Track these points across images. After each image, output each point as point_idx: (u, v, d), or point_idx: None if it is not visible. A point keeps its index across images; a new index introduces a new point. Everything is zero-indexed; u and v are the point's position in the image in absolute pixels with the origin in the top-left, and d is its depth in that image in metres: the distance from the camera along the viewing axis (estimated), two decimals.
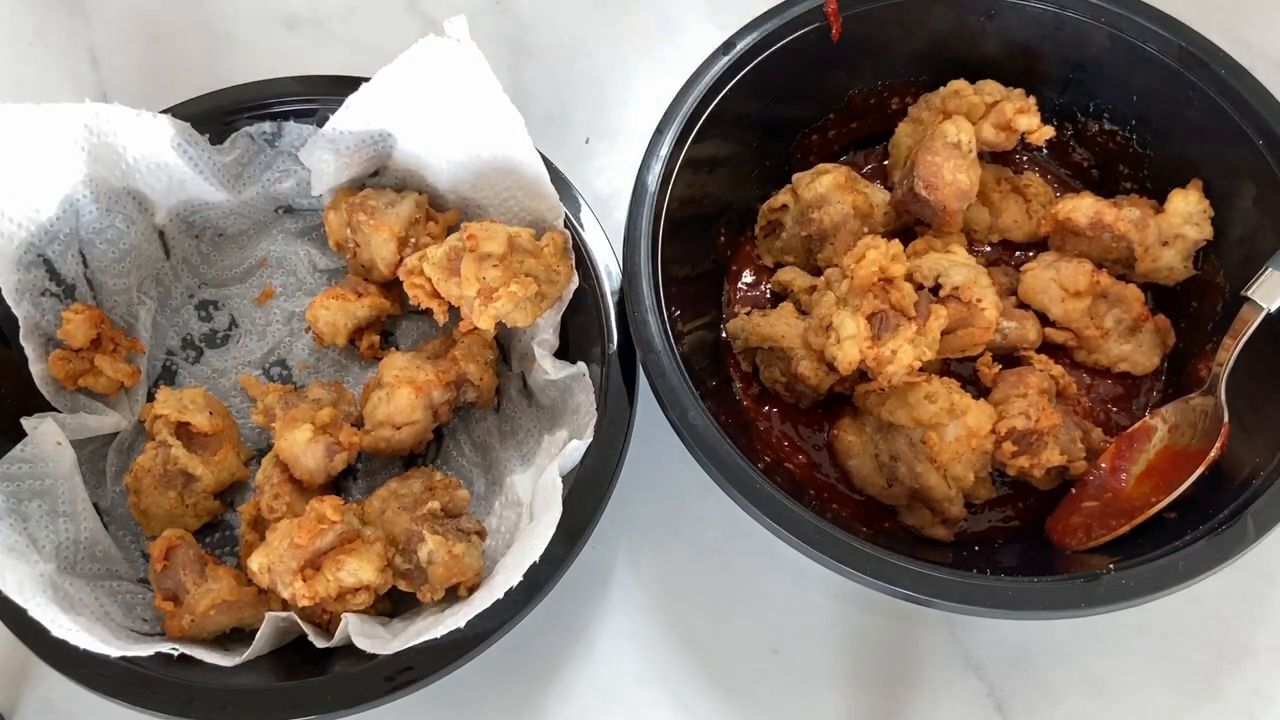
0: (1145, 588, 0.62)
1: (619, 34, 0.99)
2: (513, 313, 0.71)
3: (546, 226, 0.75)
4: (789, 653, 0.74)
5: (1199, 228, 0.77)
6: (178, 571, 0.68)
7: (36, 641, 0.63)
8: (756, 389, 0.81)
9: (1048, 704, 0.73)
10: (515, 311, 0.71)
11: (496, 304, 0.70)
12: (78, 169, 0.75)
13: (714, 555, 0.77)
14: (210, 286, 0.84)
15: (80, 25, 0.99)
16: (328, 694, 0.63)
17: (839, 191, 0.79)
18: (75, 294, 0.77)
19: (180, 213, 0.82)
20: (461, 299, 0.71)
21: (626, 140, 0.93)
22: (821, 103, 0.85)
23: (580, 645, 0.75)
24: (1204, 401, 0.73)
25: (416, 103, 0.75)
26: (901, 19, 0.81)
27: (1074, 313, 0.79)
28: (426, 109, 0.75)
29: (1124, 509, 0.71)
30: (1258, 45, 0.95)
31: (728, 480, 0.66)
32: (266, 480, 0.72)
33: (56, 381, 0.74)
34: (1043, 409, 0.72)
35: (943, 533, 0.74)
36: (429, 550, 0.66)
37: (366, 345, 0.81)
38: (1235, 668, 0.74)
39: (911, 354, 0.70)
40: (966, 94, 0.81)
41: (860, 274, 0.72)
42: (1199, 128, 0.78)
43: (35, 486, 0.69)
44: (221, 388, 0.81)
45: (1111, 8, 0.78)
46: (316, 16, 1.00)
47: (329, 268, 0.85)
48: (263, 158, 0.82)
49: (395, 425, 0.74)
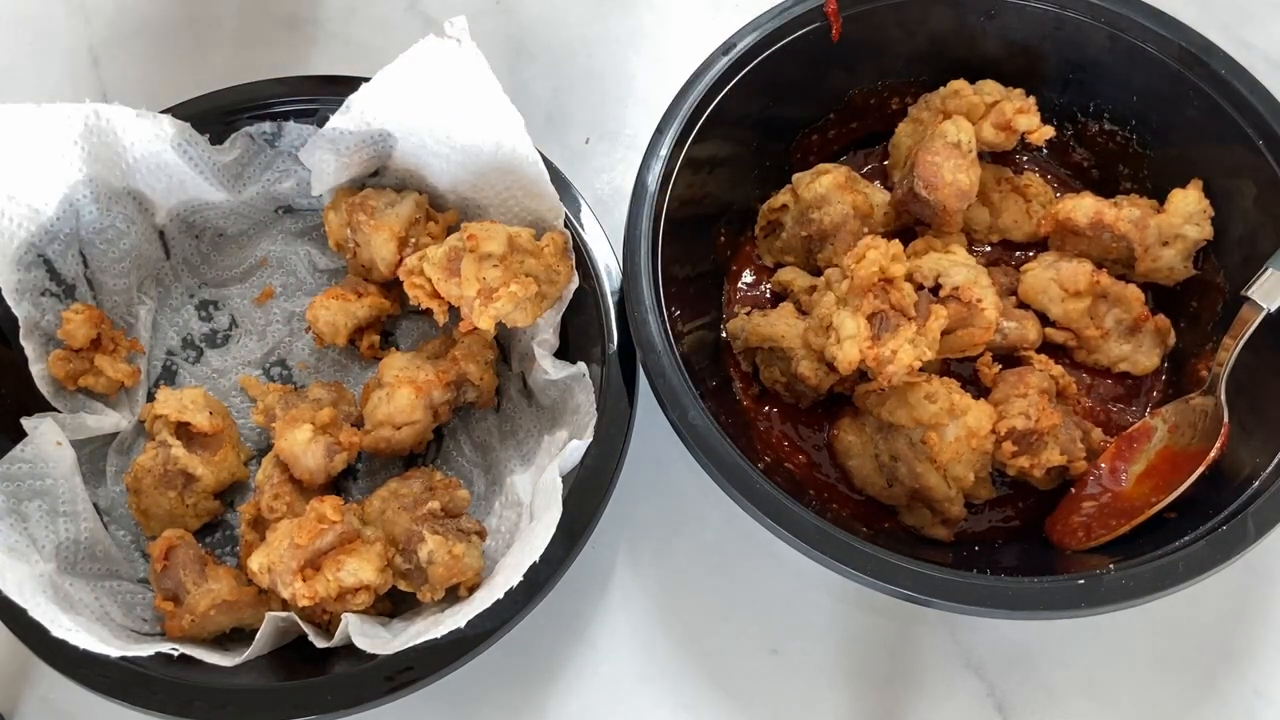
0: (1145, 588, 0.62)
1: (619, 34, 0.99)
2: (513, 313, 0.71)
3: (547, 226, 0.75)
4: (789, 653, 0.74)
5: (1199, 228, 0.77)
6: (178, 571, 0.68)
7: (36, 641, 0.63)
8: (756, 389, 0.81)
9: (1048, 704, 0.73)
10: (515, 312, 0.71)
11: (497, 304, 0.70)
12: (78, 169, 0.75)
13: (714, 555, 0.77)
14: (210, 286, 0.84)
15: (80, 25, 0.99)
16: (328, 694, 0.63)
17: (839, 191, 0.79)
18: (75, 294, 0.77)
19: (180, 213, 0.82)
20: (462, 299, 0.71)
21: (626, 140, 0.93)
22: (821, 103, 0.85)
23: (580, 645, 0.75)
24: (1204, 401, 0.73)
25: (417, 103, 0.75)
26: (901, 19, 0.81)
27: (1074, 313, 0.79)
28: (427, 109, 0.75)
29: (1124, 509, 0.71)
30: (1258, 45, 0.95)
31: (728, 480, 0.66)
32: (266, 480, 0.72)
33: (56, 381, 0.75)
34: (1043, 409, 0.72)
35: (943, 533, 0.74)
36: (429, 550, 0.66)
37: (366, 345, 0.81)
38: (1235, 668, 0.74)
39: (911, 354, 0.70)
40: (966, 94, 0.81)
41: (860, 274, 0.72)
42: (1199, 128, 0.78)
43: (35, 486, 0.69)
44: (221, 388, 0.81)
45: (1111, 8, 0.78)
46: (316, 16, 1.00)
47: (329, 268, 0.85)
48: (263, 158, 0.82)
49: (395, 425, 0.74)
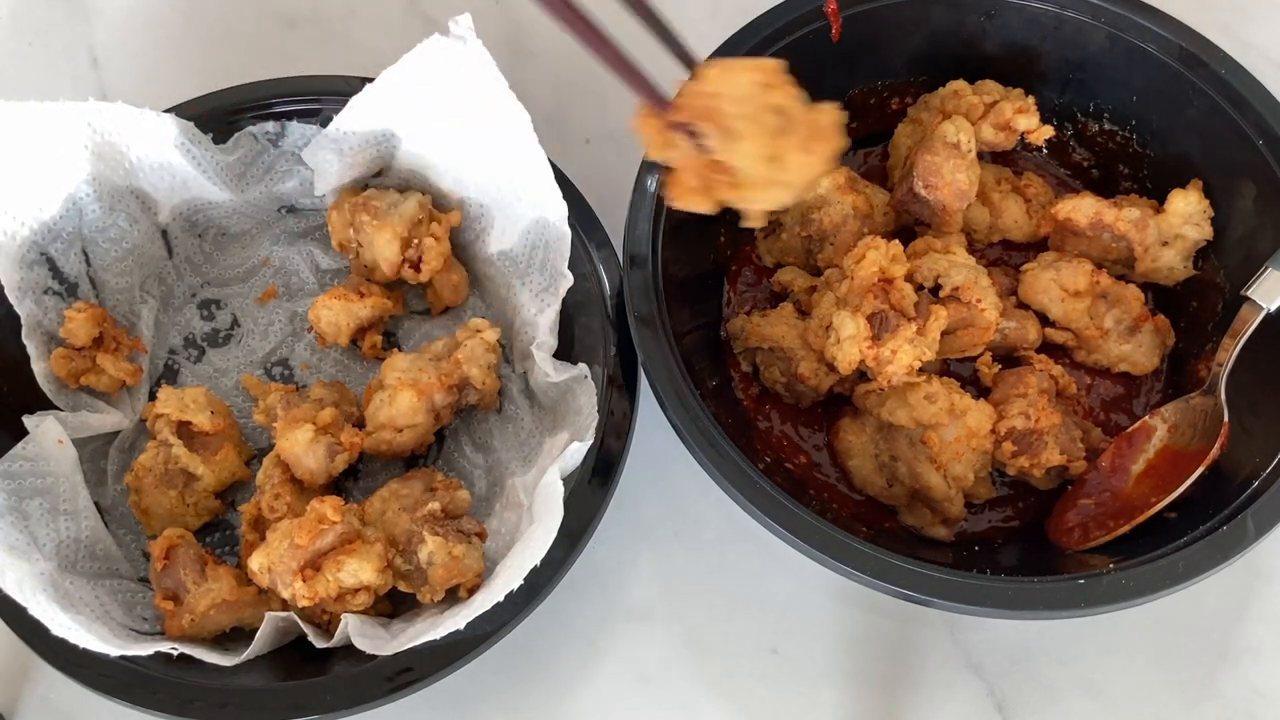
0: (1145, 588, 0.62)
1: (619, 34, 0.99)
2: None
3: (550, 226, 0.75)
4: (789, 653, 0.74)
5: (1199, 228, 0.77)
6: (178, 571, 0.68)
7: (37, 641, 0.63)
8: (756, 389, 0.81)
9: (1048, 704, 0.73)
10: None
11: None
12: (81, 168, 0.75)
13: (714, 555, 0.77)
14: (213, 286, 0.84)
15: (80, 25, 0.99)
16: (327, 694, 0.63)
17: (839, 192, 0.79)
18: (78, 292, 0.77)
19: (183, 212, 0.82)
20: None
21: (627, 140, 0.93)
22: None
23: (580, 645, 0.75)
24: (1204, 401, 0.73)
25: (421, 102, 0.75)
26: (901, 19, 0.81)
27: (1074, 313, 0.79)
28: (431, 108, 0.75)
29: (1124, 509, 0.71)
30: (1258, 45, 0.95)
31: (728, 480, 0.66)
32: (267, 480, 0.72)
33: (58, 380, 0.75)
34: (1042, 409, 0.72)
35: (943, 533, 0.74)
36: (429, 551, 0.66)
37: (368, 345, 0.81)
38: (1235, 668, 0.74)
39: (911, 354, 0.70)
40: (966, 94, 0.81)
41: (860, 274, 0.72)
42: (1199, 128, 0.78)
43: (36, 485, 0.69)
44: (223, 387, 0.81)
45: (1111, 8, 0.78)
46: (316, 16, 1.00)
47: (331, 268, 0.85)
48: (266, 157, 0.82)
49: (397, 428, 0.74)
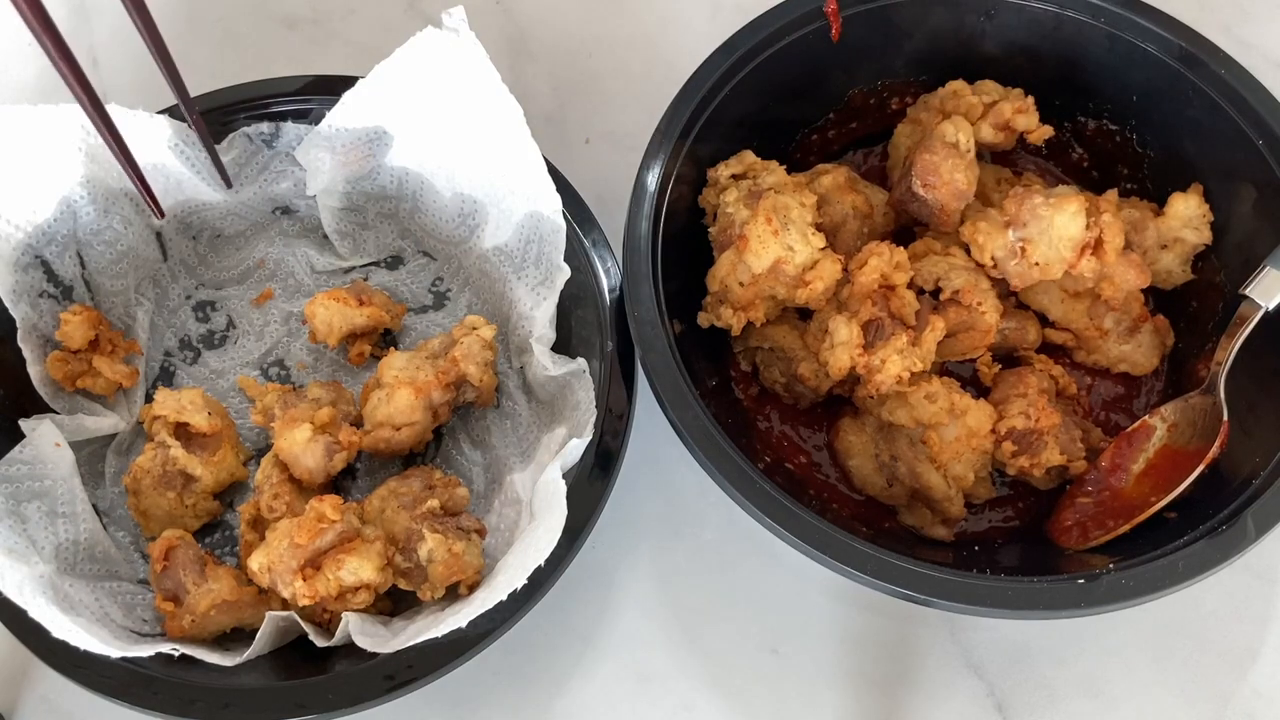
0: (1145, 588, 0.62)
1: (619, 34, 0.99)
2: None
3: (544, 219, 0.75)
4: (789, 653, 0.74)
5: (1198, 232, 0.77)
6: (178, 572, 0.68)
7: (37, 642, 0.63)
8: (756, 389, 0.81)
9: (1048, 704, 0.73)
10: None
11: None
12: (75, 170, 0.74)
13: (714, 555, 0.77)
14: (208, 287, 0.84)
15: (80, 25, 0.99)
16: (328, 693, 0.63)
17: (839, 192, 0.79)
18: (73, 295, 0.77)
19: (178, 213, 0.81)
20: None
21: (626, 140, 0.93)
22: (821, 103, 0.85)
23: (580, 645, 0.75)
24: (1203, 400, 0.73)
25: (414, 97, 0.75)
26: (901, 19, 0.81)
27: (1074, 313, 0.79)
28: (424, 103, 0.75)
29: (1123, 508, 0.71)
30: (1258, 45, 0.95)
31: (728, 480, 0.66)
32: (266, 480, 0.72)
33: (55, 383, 0.74)
34: (1042, 409, 0.72)
35: (943, 533, 0.74)
36: (429, 549, 0.66)
37: (356, 353, 0.80)
38: (1235, 668, 0.74)
39: (900, 365, 0.70)
40: (965, 95, 0.81)
41: (861, 280, 0.72)
42: (1199, 128, 0.78)
43: (34, 488, 0.69)
44: (220, 388, 0.81)
45: (1111, 8, 0.78)
46: (316, 16, 1.00)
47: (327, 269, 0.85)
48: (260, 158, 0.82)
49: (395, 426, 0.73)
